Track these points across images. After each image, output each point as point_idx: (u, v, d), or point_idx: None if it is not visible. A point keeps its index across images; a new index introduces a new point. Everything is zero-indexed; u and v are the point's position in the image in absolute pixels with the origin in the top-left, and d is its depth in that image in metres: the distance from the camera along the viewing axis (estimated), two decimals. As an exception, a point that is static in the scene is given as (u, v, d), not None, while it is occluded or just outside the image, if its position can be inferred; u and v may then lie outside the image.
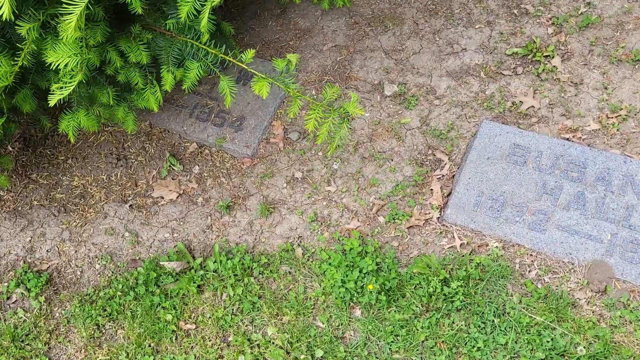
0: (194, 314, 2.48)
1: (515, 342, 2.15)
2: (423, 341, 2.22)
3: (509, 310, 2.21)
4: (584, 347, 2.08)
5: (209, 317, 2.46)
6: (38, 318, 2.61)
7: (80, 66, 1.94)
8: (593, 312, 2.16)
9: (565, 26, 2.75)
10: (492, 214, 2.36)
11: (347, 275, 2.34)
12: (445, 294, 2.25)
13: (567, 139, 2.47)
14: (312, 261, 2.48)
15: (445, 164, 2.55)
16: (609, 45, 2.65)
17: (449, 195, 2.48)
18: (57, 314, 2.62)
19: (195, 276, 2.53)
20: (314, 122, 2.05)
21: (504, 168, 2.43)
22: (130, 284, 2.59)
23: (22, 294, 2.67)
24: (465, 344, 2.18)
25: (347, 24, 3.05)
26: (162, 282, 2.56)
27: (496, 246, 2.33)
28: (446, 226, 2.43)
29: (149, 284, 2.55)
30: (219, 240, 2.64)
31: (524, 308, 2.20)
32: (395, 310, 2.29)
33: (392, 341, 2.24)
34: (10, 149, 3.05)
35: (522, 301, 2.22)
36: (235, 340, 2.37)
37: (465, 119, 2.64)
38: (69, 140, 3.03)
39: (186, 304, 2.50)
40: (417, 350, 2.22)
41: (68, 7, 1.69)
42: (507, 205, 2.36)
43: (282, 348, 2.32)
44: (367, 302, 2.30)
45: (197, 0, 1.87)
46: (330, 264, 2.41)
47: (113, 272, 2.67)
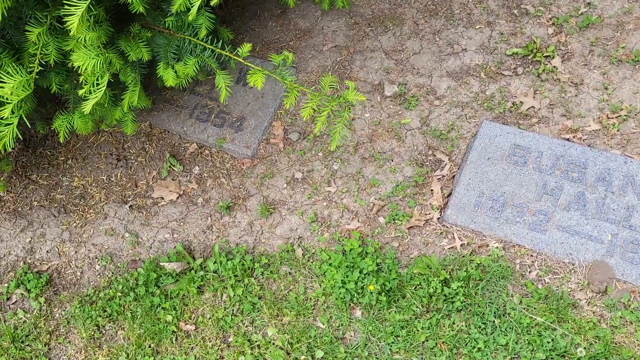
0: (194, 315, 2.48)
1: (516, 343, 2.15)
2: (423, 342, 2.22)
3: (509, 311, 2.20)
4: (585, 348, 2.08)
5: (209, 318, 2.45)
6: (38, 319, 2.61)
7: (104, 66, 1.97)
8: (593, 313, 2.16)
9: (565, 26, 2.75)
10: (493, 214, 2.36)
11: (348, 276, 2.33)
12: (445, 295, 2.25)
13: (568, 139, 2.47)
14: (313, 262, 2.48)
15: (445, 165, 2.55)
16: (609, 46, 2.65)
17: (449, 195, 2.48)
18: (57, 315, 2.62)
19: (196, 277, 2.52)
20: (310, 111, 2.04)
21: (504, 168, 2.43)
22: (131, 284, 2.59)
23: (22, 294, 2.67)
24: (466, 344, 2.18)
25: (347, 24, 3.05)
26: (162, 283, 2.56)
27: (496, 247, 2.33)
28: (446, 227, 2.43)
29: (149, 285, 2.55)
30: (219, 241, 2.64)
31: (524, 309, 2.20)
32: (395, 311, 2.29)
33: (393, 342, 2.24)
34: (9, 150, 3.05)
35: (523, 302, 2.21)
36: (236, 341, 2.37)
37: (466, 120, 2.64)
38: (69, 141, 3.03)
39: (186, 305, 2.50)
40: (418, 351, 2.21)
41: (70, 9, 1.70)
42: (508, 206, 2.36)
43: (283, 349, 2.32)
44: (368, 303, 2.30)
45: None
46: (330, 264, 2.40)
47: (113, 273, 2.67)
